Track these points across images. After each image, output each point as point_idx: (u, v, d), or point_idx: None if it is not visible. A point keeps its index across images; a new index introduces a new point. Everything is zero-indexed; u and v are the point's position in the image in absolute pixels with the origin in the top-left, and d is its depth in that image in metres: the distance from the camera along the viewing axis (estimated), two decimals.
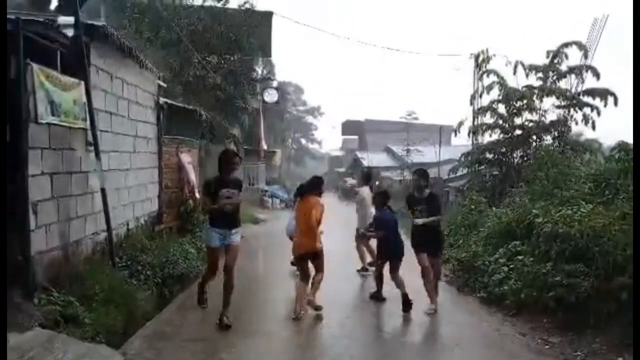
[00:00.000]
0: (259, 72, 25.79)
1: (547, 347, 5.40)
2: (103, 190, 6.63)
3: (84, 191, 6.46)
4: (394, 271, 6.70)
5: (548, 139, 13.22)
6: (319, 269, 6.42)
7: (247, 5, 16.62)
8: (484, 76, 14.41)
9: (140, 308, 6.15)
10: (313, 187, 6.58)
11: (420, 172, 7.06)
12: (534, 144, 13.10)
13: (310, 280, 6.43)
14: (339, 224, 11.05)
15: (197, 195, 11.22)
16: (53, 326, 4.76)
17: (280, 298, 7.18)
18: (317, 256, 6.36)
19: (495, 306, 6.81)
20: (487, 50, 14.75)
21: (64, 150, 5.95)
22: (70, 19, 6.20)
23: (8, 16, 5.02)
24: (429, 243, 6.64)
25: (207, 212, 6.25)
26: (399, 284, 6.57)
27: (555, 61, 13.07)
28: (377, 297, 7.05)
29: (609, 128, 12.83)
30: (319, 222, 6.29)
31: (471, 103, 15.68)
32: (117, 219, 7.42)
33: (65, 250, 5.92)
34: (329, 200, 8.49)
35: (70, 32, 6.11)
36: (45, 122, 5.43)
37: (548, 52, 13.18)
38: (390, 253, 6.83)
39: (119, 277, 6.39)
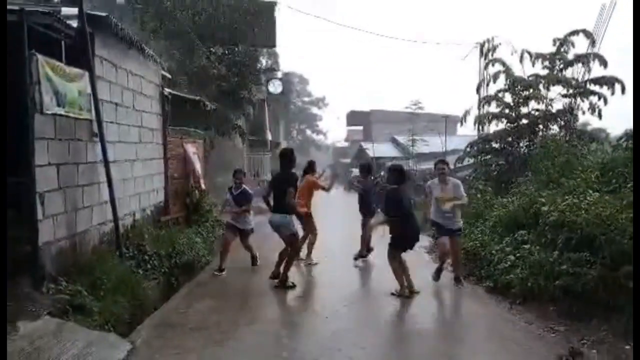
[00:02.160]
0: (264, 63, 25.73)
1: (553, 335, 5.39)
2: (109, 180, 6.66)
3: (91, 182, 6.49)
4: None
5: (555, 128, 13.12)
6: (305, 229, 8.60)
7: None
8: (490, 65, 14.31)
9: (148, 297, 6.20)
10: (307, 169, 8.92)
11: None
12: (541, 133, 13.01)
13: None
14: (343, 216, 11.05)
15: (203, 186, 11.25)
16: (62, 315, 4.82)
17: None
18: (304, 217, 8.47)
19: (501, 295, 6.79)
20: (492, 38, 14.63)
21: (70, 141, 5.98)
22: (75, 10, 6.20)
23: (12, 7, 5.03)
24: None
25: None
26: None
27: (562, 49, 12.94)
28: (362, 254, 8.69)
29: (617, 117, 12.72)
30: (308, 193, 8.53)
31: (477, 92, 15.61)
32: (124, 210, 7.46)
33: (73, 240, 5.97)
34: (333, 191, 8.78)
35: (74, 23, 6.12)
36: (51, 112, 5.44)
37: (555, 40, 13.04)
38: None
39: (126, 266, 6.44)
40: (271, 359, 4.69)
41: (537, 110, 13.08)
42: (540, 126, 13.10)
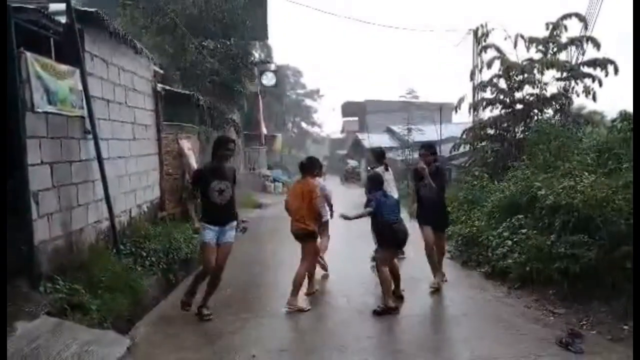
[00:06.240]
0: (257, 55, 25.62)
1: (552, 318, 5.41)
2: (104, 178, 6.63)
3: (85, 179, 6.45)
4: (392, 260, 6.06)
5: (550, 112, 13.12)
6: (304, 255, 6.20)
7: None
8: (483, 51, 14.27)
9: (146, 293, 6.19)
10: (308, 168, 6.46)
11: (427, 146, 7.02)
12: (536, 117, 13.01)
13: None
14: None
15: None
16: (60, 314, 4.79)
17: (286, 280, 7.18)
18: (305, 237, 6.12)
19: (499, 280, 6.81)
20: (486, 24, 14.53)
21: (63, 139, 5.93)
22: (62, 6, 6.12)
23: None
24: (435, 217, 6.58)
25: (202, 205, 5.57)
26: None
27: (555, 33, 12.91)
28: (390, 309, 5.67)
29: (612, 99, 12.72)
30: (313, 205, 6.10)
31: (471, 79, 15.58)
32: (119, 207, 7.43)
33: (69, 238, 5.94)
34: (330, 184, 8.05)
35: (63, 19, 6.05)
36: (42, 111, 5.39)
37: (547, 24, 13.01)
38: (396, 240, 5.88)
39: (124, 263, 6.41)
40: (273, 352, 4.68)
41: (532, 94, 13.07)
42: (535, 110, 13.10)
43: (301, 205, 6.04)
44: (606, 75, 12.05)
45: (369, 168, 11.28)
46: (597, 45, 12.28)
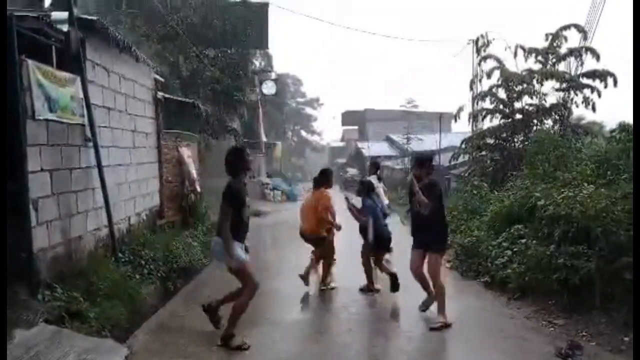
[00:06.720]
0: (257, 64, 25.75)
1: (552, 328, 5.40)
2: (103, 185, 6.63)
3: (85, 187, 6.45)
4: (379, 261, 6.98)
5: (549, 123, 13.15)
6: (320, 255, 7.22)
7: None
8: (483, 61, 14.34)
9: (145, 302, 6.16)
10: (322, 181, 7.41)
11: (418, 159, 6.04)
12: (535, 127, 13.05)
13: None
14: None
15: (198, 189, 11.22)
16: (58, 322, 4.77)
17: (288, 286, 7.19)
18: (317, 241, 7.20)
19: (499, 290, 6.81)
20: (486, 34, 14.63)
21: (63, 147, 5.93)
22: (65, 15, 6.16)
23: None
24: (423, 236, 5.66)
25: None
26: (384, 268, 6.91)
27: (555, 44, 12.98)
28: (370, 289, 6.98)
29: (611, 110, 12.78)
30: (323, 211, 7.00)
31: (471, 88, 15.64)
32: (119, 214, 7.42)
33: (68, 246, 5.92)
34: (329, 192, 8.10)
35: (65, 28, 6.07)
36: (43, 118, 5.41)
37: (547, 35, 13.09)
38: (377, 243, 6.72)
39: (122, 271, 6.39)
40: None
41: (531, 105, 13.12)
42: (535, 121, 13.14)
43: (313, 211, 7.07)
44: (605, 87, 12.10)
45: (364, 177, 12.12)
46: (596, 55, 12.33)
